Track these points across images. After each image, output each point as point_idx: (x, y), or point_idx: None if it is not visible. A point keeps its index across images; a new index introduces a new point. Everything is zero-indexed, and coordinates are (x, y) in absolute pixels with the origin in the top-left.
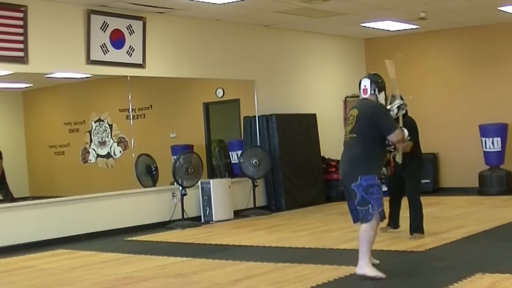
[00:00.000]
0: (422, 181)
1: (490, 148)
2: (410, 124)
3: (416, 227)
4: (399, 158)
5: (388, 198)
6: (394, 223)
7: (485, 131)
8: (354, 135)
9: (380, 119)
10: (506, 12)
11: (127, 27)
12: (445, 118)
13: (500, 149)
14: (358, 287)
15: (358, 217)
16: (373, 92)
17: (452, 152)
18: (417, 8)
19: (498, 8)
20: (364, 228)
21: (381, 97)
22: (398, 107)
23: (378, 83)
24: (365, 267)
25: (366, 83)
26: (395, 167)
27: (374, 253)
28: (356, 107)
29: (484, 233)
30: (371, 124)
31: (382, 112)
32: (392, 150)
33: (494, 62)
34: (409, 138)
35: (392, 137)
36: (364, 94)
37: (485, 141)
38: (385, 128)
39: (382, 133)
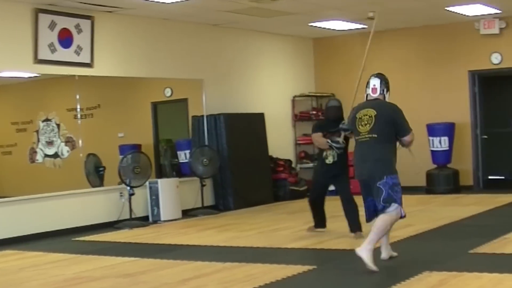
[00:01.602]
0: None
1: (437, 147)
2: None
3: (357, 226)
4: (330, 160)
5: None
6: (321, 223)
7: (433, 130)
8: (375, 135)
9: (398, 119)
10: (453, 12)
11: (75, 26)
12: None
13: (447, 148)
14: (306, 285)
15: (372, 216)
16: (382, 92)
17: (400, 151)
18: (365, 8)
19: (446, 8)
20: (384, 219)
21: (387, 98)
22: None
23: (387, 83)
24: (366, 252)
25: (376, 82)
26: (322, 169)
27: (325, 252)
28: (371, 107)
29: (431, 231)
30: (391, 124)
31: (400, 112)
32: (337, 146)
33: (441, 61)
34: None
35: (408, 138)
36: (374, 93)
37: (433, 140)
38: (403, 129)
39: (397, 134)
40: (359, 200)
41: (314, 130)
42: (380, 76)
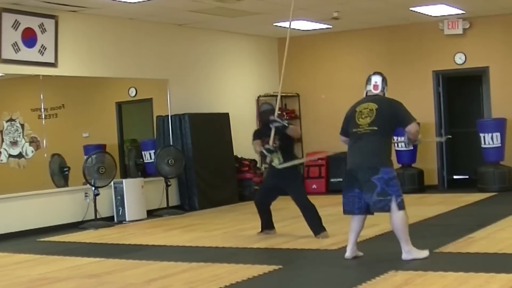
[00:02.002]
0: (336, 180)
1: (401, 147)
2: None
3: (320, 227)
4: (276, 163)
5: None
6: (269, 226)
7: (397, 130)
8: (376, 128)
9: (400, 111)
10: (417, 12)
11: (39, 26)
12: None
13: (411, 148)
14: (271, 285)
15: (354, 209)
16: (382, 89)
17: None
18: (330, 8)
19: (410, 8)
20: (400, 217)
21: (386, 95)
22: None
23: (386, 81)
24: (413, 252)
25: (377, 79)
26: (269, 172)
27: (290, 252)
28: (372, 101)
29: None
30: (391, 118)
31: (401, 105)
32: (268, 154)
33: (406, 61)
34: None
35: (411, 128)
36: (375, 90)
37: (398, 140)
38: (405, 119)
39: (400, 126)
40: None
41: (253, 138)
42: (380, 73)
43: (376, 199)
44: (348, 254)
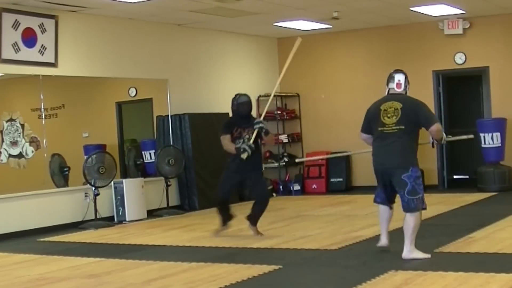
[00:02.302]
0: (335, 180)
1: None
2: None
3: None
4: (245, 155)
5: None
6: (229, 217)
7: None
8: (403, 127)
9: (423, 111)
10: (417, 12)
11: (39, 26)
12: (357, 117)
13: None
14: (271, 285)
15: (384, 202)
16: (405, 87)
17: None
18: (330, 8)
19: (410, 8)
20: (417, 217)
21: (408, 93)
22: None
23: (408, 80)
24: (414, 252)
25: (400, 78)
26: (234, 164)
27: (290, 252)
28: (396, 100)
29: (396, 230)
30: (415, 117)
31: (425, 105)
32: (246, 147)
33: (406, 61)
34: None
35: (434, 128)
36: (398, 88)
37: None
38: (428, 119)
39: (423, 126)
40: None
41: (223, 131)
42: (403, 72)
43: (409, 198)
44: (383, 242)
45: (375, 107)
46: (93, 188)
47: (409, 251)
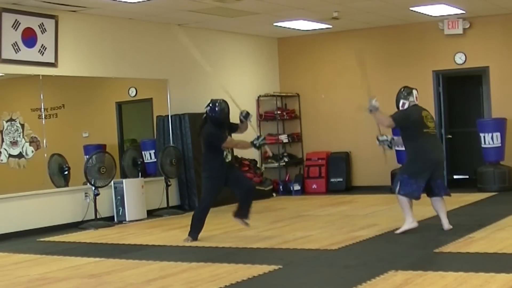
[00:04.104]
0: (336, 180)
1: (401, 147)
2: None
3: (249, 214)
4: (229, 157)
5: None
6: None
7: (397, 130)
8: (436, 131)
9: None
10: (417, 12)
11: (39, 26)
12: (357, 117)
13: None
14: (271, 285)
15: (419, 195)
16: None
17: (364, 150)
18: (330, 8)
19: (410, 8)
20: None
21: None
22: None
23: None
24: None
25: (416, 93)
26: (221, 170)
27: (290, 252)
28: (425, 110)
29: (396, 231)
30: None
31: None
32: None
33: (406, 61)
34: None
35: None
36: (416, 101)
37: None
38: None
39: None
40: None
41: (223, 139)
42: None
43: (444, 185)
44: (415, 223)
45: (417, 113)
46: (93, 188)
47: (448, 223)
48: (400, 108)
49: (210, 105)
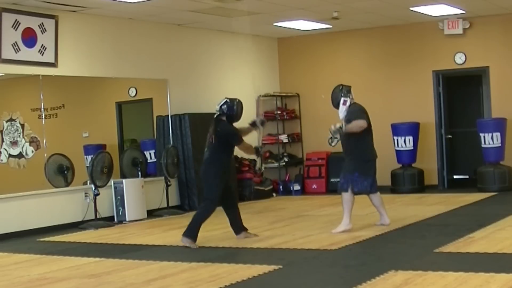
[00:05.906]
0: (335, 179)
1: (402, 146)
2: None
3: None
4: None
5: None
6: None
7: (397, 130)
8: None
9: None
10: (417, 12)
11: (39, 26)
12: None
13: (412, 148)
14: (271, 285)
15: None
16: None
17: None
18: (330, 8)
19: (410, 8)
20: None
21: None
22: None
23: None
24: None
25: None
26: (223, 169)
27: (290, 252)
28: None
29: (396, 231)
30: None
31: None
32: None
33: (406, 61)
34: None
35: None
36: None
37: (397, 139)
38: None
39: None
40: None
41: (241, 138)
42: None
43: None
44: (351, 225)
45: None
46: (93, 188)
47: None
48: (341, 106)
49: (228, 102)
